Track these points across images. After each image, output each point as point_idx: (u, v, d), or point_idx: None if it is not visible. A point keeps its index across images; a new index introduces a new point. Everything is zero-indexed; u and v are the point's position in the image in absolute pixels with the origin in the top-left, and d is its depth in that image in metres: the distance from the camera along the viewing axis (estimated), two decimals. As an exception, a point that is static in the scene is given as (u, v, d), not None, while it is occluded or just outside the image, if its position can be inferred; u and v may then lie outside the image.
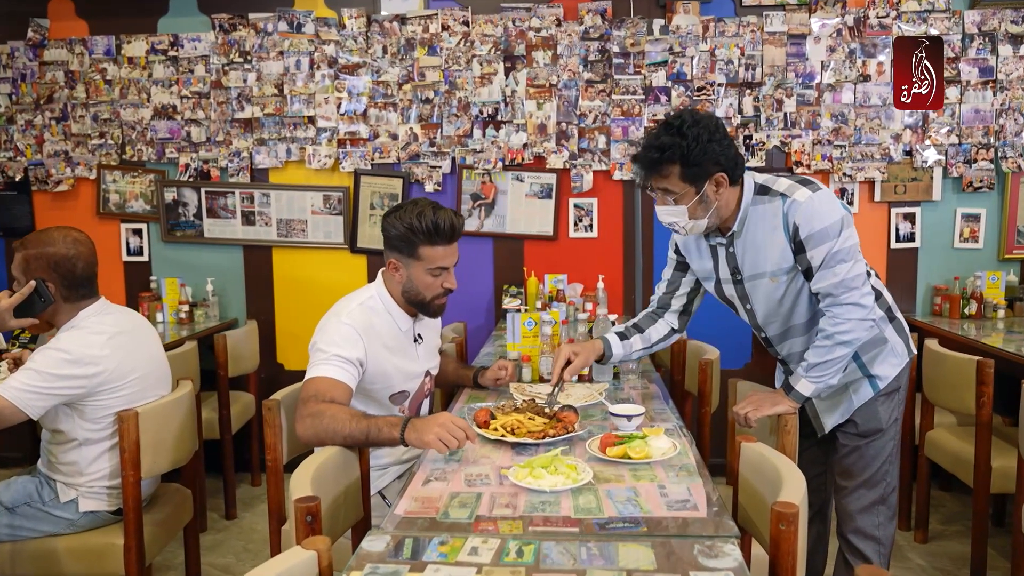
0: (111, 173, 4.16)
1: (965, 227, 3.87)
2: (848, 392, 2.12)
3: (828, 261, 1.91)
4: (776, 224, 1.96)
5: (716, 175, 1.92)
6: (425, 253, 2.08)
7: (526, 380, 2.52)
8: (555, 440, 1.86)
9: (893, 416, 2.12)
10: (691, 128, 1.87)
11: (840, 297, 1.92)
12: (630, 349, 2.32)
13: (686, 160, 1.88)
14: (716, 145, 1.88)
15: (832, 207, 1.91)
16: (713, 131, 1.89)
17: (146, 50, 4.07)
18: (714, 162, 1.90)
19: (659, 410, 2.18)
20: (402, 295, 2.16)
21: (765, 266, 2.02)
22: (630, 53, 3.86)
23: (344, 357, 1.98)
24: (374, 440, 1.81)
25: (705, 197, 1.93)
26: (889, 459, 2.13)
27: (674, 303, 2.35)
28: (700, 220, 1.98)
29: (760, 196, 1.99)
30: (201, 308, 4.04)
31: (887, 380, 2.10)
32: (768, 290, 2.05)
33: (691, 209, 1.95)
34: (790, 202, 1.93)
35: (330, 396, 1.91)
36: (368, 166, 4.03)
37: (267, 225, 4.11)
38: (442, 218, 2.05)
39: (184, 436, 2.44)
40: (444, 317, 3.75)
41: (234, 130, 4.06)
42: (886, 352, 2.09)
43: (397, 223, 2.07)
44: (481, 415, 1.97)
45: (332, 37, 3.96)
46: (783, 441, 2.02)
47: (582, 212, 3.99)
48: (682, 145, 1.87)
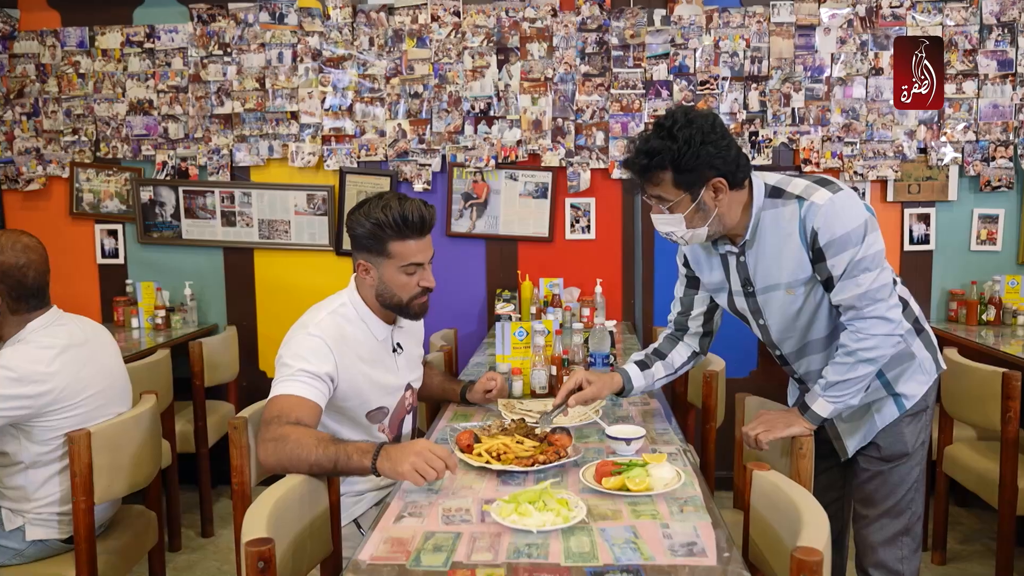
0: (85, 171, 4.00)
1: (982, 228, 3.71)
2: (871, 412, 1.93)
3: (851, 270, 1.72)
4: (792, 230, 1.77)
5: (713, 180, 1.73)
6: (395, 249, 1.90)
7: (516, 395, 2.33)
8: (545, 467, 1.67)
9: (920, 439, 1.93)
10: (682, 130, 1.69)
11: (864, 310, 1.73)
12: (652, 379, 2.12)
13: (678, 165, 1.70)
14: (711, 147, 1.70)
15: (855, 210, 1.73)
16: (708, 132, 1.70)
17: (121, 42, 3.90)
18: (709, 166, 1.71)
19: (661, 430, 2.00)
20: (376, 299, 1.98)
21: (780, 277, 1.83)
22: (630, 45, 3.70)
23: (312, 372, 1.80)
24: (343, 469, 1.62)
25: (703, 204, 1.75)
26: (915, 486, 1.94)
27: (691, 325, 2.14)
28: (699, 229, 1.80)
29: (773, 199, 1.81)
30: (179, 313, 3.86)
31: (914, 399, 1.91)
32: (783, 303, 1.86)
33: (688, 218, 1.77)
34: (808, 205, 1.74)
35: (295, 416, 1.72)
36: (354, 164, 3.87)
37: (248, 226, 3.94)
38: (410, 209, 1.88)
39: (145, 456, 2.25)
40: (432, 323, 3.64)
41: (213, 126, 3.89)
42: (913, 368, 1.90)
43: (362, 220, 1.90)
44: (464, 438, 1.79)
45: (316, 28, 3.79)
46: (798, 466, 1.84)
47: (579, 212, 3.82)
48: (672, 149, 1.69)
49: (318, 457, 1.62)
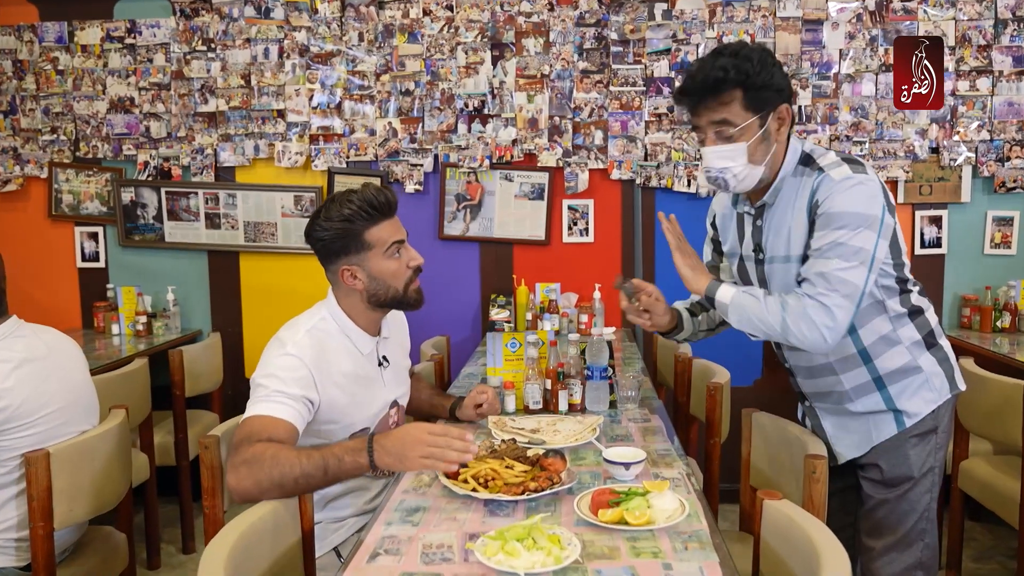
0: (64, 172, 3.86)
1: (997, 231, 3.59)
2: (867, 424, 1.80)
3: (827, 248, 1.61)
4: (803, 201, 1.68)
5: (780, 107, 1.66)
6: (372, 235, 1.81)
7: (509, 410, 2.19)
8: (537, 496, 1.52)
9: (928, 463, 1.78)
10: (753, 51, 1.63)
11: (819, 289, 1.61)
12: (697, 328, 2.08)
13: (752, 83, 1.62)
14: (776, 71, 1.65)
15: (867, 198, 1.60)
16: (771, 56, 1.66)
17: (101, 37, 3.77)
18: (779, 89, 1.65)
19: (662, 452, 1.85)
20: (369, 301, 1.85)
21: (787, 248, 1.73)
22: (629, 40, 3.57)
23: (288, 394, 1.65)
24: (336, 475, 1.50)
25: (767, 134, 1.67)
26: (925, 515, 1.79)
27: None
28: (757, 167, 1.69)
29: (802, 166, 1.72)
30: (161, 319, 3.72)
31: (917, 417, 1.76)
32: (787, 279, 1.75)
33: (751, 149, 1.66)
34: (823, 177, 1.65)
35: (267, 435, 1.58)
36: (343, 164, 3.74)
37: (233, 228, 3.80)
38: (371, 193, 1.81)
39: (112, 476, 2.12)
40: (423, 331, 3.49)
41: (197, 125, 3.76)
42: (918, 384, 1.76)
43: (327, 224, 1.79)
44: (449, 462, 1.64)
45: (303, 23, 3.66)
46: (811, 490, 1.71)
47: (577, 215, 3.70)
48: (746, 67, 1.61)
49: (304, 468, 1.49)
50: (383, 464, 1.49)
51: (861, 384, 1.77)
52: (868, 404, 1.77)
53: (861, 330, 1.74)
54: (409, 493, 1.61)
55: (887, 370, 1.75)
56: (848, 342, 1.75)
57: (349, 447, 1.52)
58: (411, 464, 1.46)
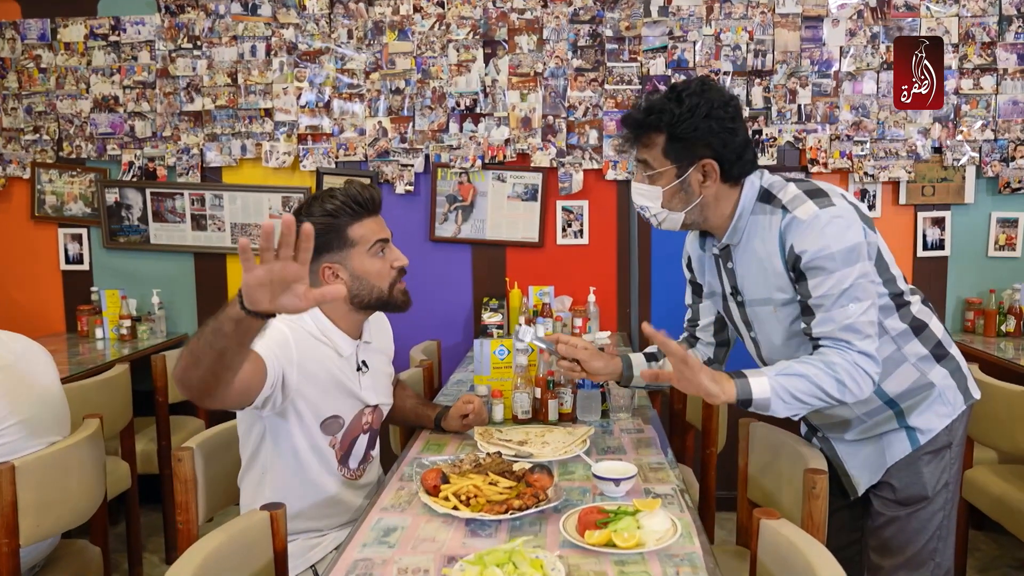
0: (47, 172, 3.79)
1: (1001, 233, 3.52)
2: (880, 445, 1.71)
3: (836, 297, 1.51)
4: (772, 245, 1.59)
5: (704, 161, 1.57)
6: (356, 232, 1.74)
7: (497, 420, 2.11)
8: (521, 515, 1.44)
9: (942, 480, 1.69)
10: (692, 96, 1.55)
11: (855, 344, 1.51)
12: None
13: (673, 131, 1.56)
14: (714, 124, 1.55)
15: (844, 231, 1.51)
16: (717, 107, 1.55)
17: (84, 34, 3.69)
18: (705, 143, 1.56)
19: (655, 464, 1.77)
20: (352, 302, 1.77)
21: (766, 292, 1.65)
22: (625, 37, 3.50)
23: (269, 347, 1.56)
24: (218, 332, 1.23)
25: (687, 185, 1.60)
26: (938, 534, 1.70)
27: (701, 336, 1.96)
28: (675, 213, 1.63)
29: (763, 203, 1.62)
30: (146, 323, 3.64)
31: (931, 434, 1.67)
32: (771, 321, 1.67)
33: (666, 195, 1.61)
34: (789, 219, 1.55)
35: None
36: (332, 164, 3.66)
37: (220, 230, 3.73)
38: (355, 189, 1.74)
39: (85, 489, 2.04)
40: (413, 335, 3.41)
41: (183, 124, 3.69)
42: (931, 400, 1.67)
43: (312, 220, 1.68)
44: (430, 477, 1.56)
45: (291, 20, 3.58)
46: (811, 507, 1.63)
47: (571, 216, 3.62)
48: (674, 112, 1.55)
49: (202, 337, 1.26)
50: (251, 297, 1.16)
51: (873, 408, 1.69)
52: (879, 423, 1.69)
53: None
54: (388, 511, 1.54)
55: (897, 391, 1.66)
56: None
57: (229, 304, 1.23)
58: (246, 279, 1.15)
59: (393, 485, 1.67)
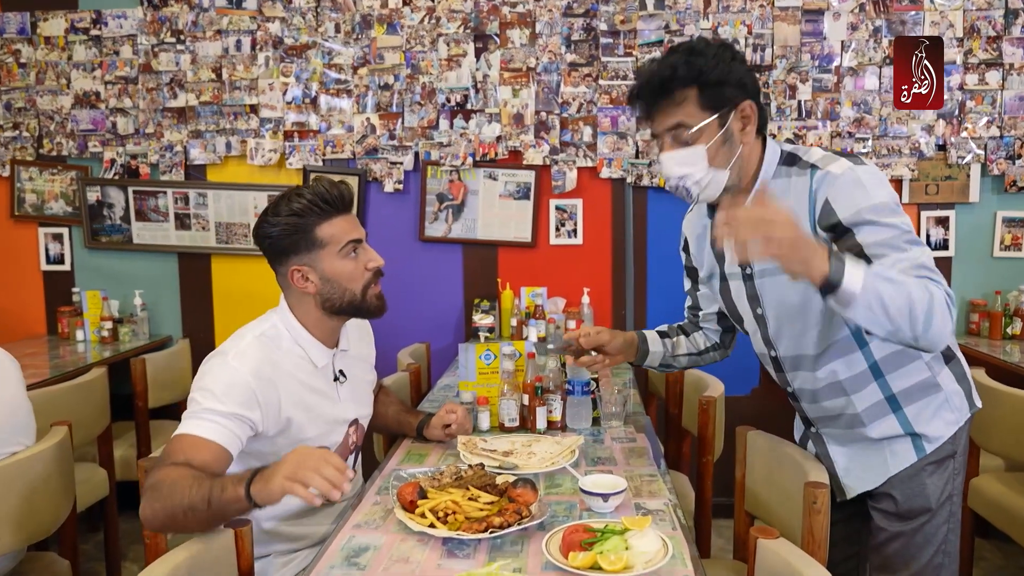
0: (27, 170, 3.69)
1: (1007, 233, 3.42)
2: (883, 451, 1.60)
3: (896, 241, 1.37)
4: (800, 204, 1.48)
5: (743, 104, 1.47)
6: (324, 232, 1.63)
7: (483, 428, 2.01)
8: (502, 534, 1.35)
9: (947, 491, 1.59)
10: (708, 46, 1.47)
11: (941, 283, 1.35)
12: (672, 349, 1.87)
13: (706, 79, 1.45)
14: (740, 65, 1.48)
15: (883, 186, 1.43)
16: (735, 51, 1.50)
17: (65, 28, 3.59)
18: (740, 84, 1.47)
19: (647, 477, 1.68)
20: (324, 307, 1.67)
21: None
22: (620, 31, 3.40)
23: (221, 412, 1.48)
24: (217, 507, 1.31)
25: (730, 134, 1.48)
26: (943, 548, 1.60)
27: (704, 325, 1.89)
28: (721, 172, 1.50)
29: (785, 167, 1.53)
30: (128, 325, 3.54)
31: (938, 442, 1.57)
32: (785, 291, 1.56)
33: (711, 151, 1.47)
34: (822, 175, 1.45)
35: (184, 459, 1.41)
36: (319, 162, 3.56)
37: (204, 229, 3.64)
38: (323, 186, 1.65)
39: (50, 499, 1.96)
40: (401, 338, 3.31)
41: (166, 121, 3.59)
42: (938, 404, 1.57)
43: (275, 220, 1.62)
44: (407, 492, 1.47)
45: (277, 13, 3.49)
46: (811, 522, 1.55)
47: (565, 215, 3.53)
48: (699, 63, 1.45)
49: (191, 499, 1.31)
50: (256, 494, 1.27)
51: (874, 404, 1.57)
52: (883, 429, 1.58)
53: (873, 341, 1.53)
54: (360, 528, 1.45)
55: (902, 388, 1.55)
56: (859, 356, 1.55)
57: (236, 476, 1.33)
58: (274, 486, 1.24)
59: (368, 499, 1.58)
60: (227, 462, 1.48)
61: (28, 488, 1.86)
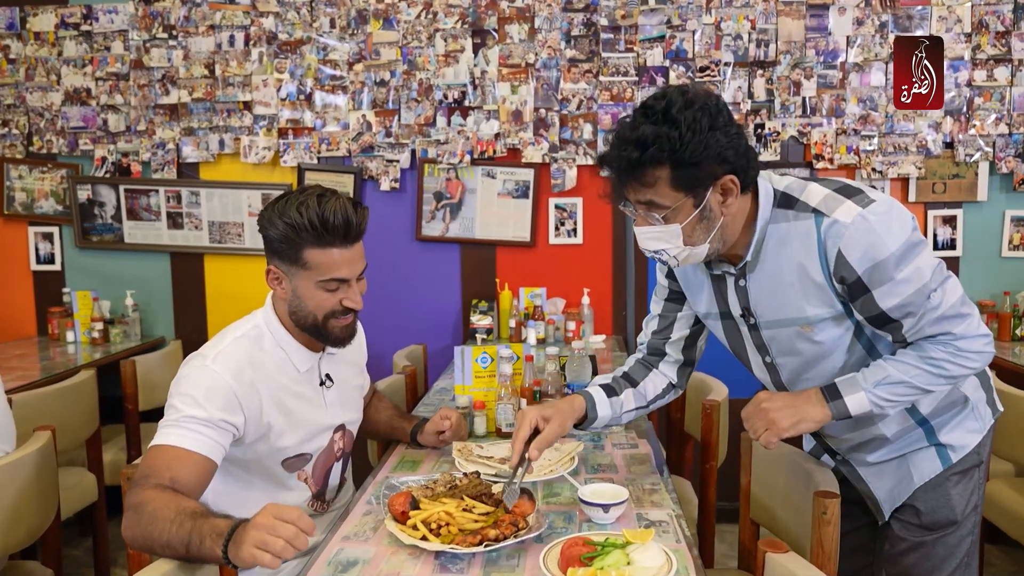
0: (16, 168, 3.64)
1: (1016, 232, 3.37)
2: (906, 464, 1.54)
3: (917, 299, 1.33)
4: (807, 254, 1.38)
5: (723, 179, 1.33)
6: (313, 258, 1.52)
7: (479, 433, 1.95)
8: (497, 547, 1.29)
9: (972, 502, 1.53)
10: (683, 112, 1.29)
11: (956, 332, 1.35)
12: (620, 409, 1.70)
13: (679, 159, 1.30)
14: (720, 135, 1.31)
15: (896, 222, 1.33)
16: (715, 115, 1.31)
17: (55, 24, 3.55)
18: (720, 159, 1.31)
19: (650, 486, 1.61)
20: (290, 317, 1.60)
21: (791, 311, 1.44)
22: (621, 27, 3.35)
23: (203, 419, 1.41)
24: (195, 555, 1.24)
25: (707, 211, 1.36)
26: (965, 561, 1.54)
27: (669, 351, 1.73)
28: (699, 247, 1.39)
29: (783, 210, 1.40)
30: (119, 326, 3.48)
31: (963, 451, 1.51)
32: (797, 341, 1.47)
33: (687, 230, 1.36)
34: (829, 224, 1.34)
35: (170, 476, 1.35)
36: (314, 160, 3.51)
37: (197, 229, 3.59)
38: (332, 208, 1.49)
39: (30, 508, 1.89)
40: (398, 339, 3.25)
41: (158, 118, 3.54)
42: (964, 414, 1.51)
43: (276, 220, 1.52)
44: (398, 503, 1.40)
45: (271, 8, 3.44)
46: (821, 534, 1.48)
47: (564, 214, 3.48)
48: (672, 136, 1.29)
49: (170, 537, 1.24)
50: (233, 558, 1.19)
51: (904, 428, 1.52)
52: (908, 443, 1.52)
53: None
54: (349, 540, 1.38)
55: (932, 407, 1.50)
56: None
57: (217, 528, 1.23)
58: (245, 555, 1.16)
59: (359, 510, 1.52)
60: (211, 473, 1.42)
61: (8, 496, 1.80)
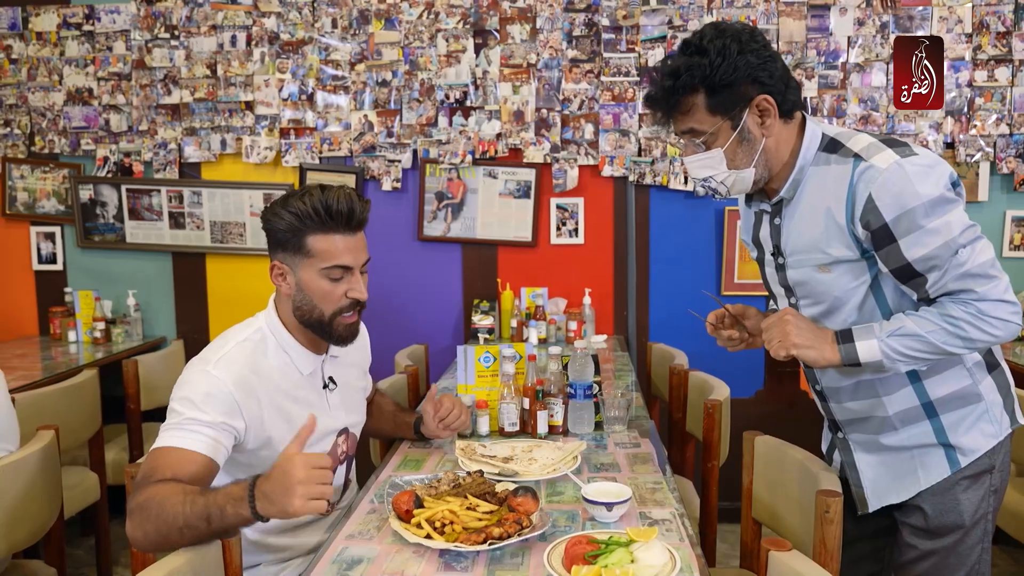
0: (18, 168, 3.63)
1: (1017, 233, 3.35)
2: (913, 462, 1.52)
3: (943, 252, 1.32)
4: (838, 195, 1.40)
5: (757, 99, 1.40)
6: (316, 245, 1.54)
7: (482, 432, 1.95)
8: (501, 545, 1.29)
9: (982, 509, 1.50)
10: (713, 41, 1.38)
11: (980, 292, 1.34)
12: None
13: (711, 82, 1.38)
14: (751, 56, 1.39)
15: (933, 176, 1.33)
16: (746, 40, 1.39)
17: (57, 24, 3.53)
18: (751, 79, 1.39)
19: (652, 485, 1.62)
20: (295, 314, 1.60)
21: (811, 249, 1.47)
22: (622, 27, 3.34)
23: (206, 422, 1.41)
24: (219, 527, 1.26)
25: (746, 133, 1.43)
26: (976, 568, 1.52)
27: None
28: (744, 170, 1.45)
29: (826, 153, 1.45)
30: (121, 325, 3.48)
31: (973, 455, 1.48)
32: (816, 283, 1.49)
33: (729, 152, 1.44)
34: (864, 167, 1.36)
35: (171, 473, 1.35)
36: (315, 160, 3.50)
37: (199, 228, 3.58)
38: (334, 196, 1.54)
39: (34, 507, 1.90)
40: (399, 339, 3.24)
41: (160, 118, 3.53)
42: (977, 415, 1.48)
43: (281, 212, 1.54)
44: (402, 502, 1.41)
45: (273, 8, 3.43)
46: (823, 532, 1.48)
47: (566, 214, 3.47)
48: (703, 64, 1.37)
49: (187, 518, 1.25)
50: (269, 515, 1.24)
51: (907, 410, 1.50)
52: (913, 436, 1.50)
53: None
54: (353, 538, 1.39)
55: (940, 395, 1.47)
56: None
57: (231, 494, 1.26)
58: (298, 508, 1.21)
59: (363, 508, 1.52)
60: (214, 474, 1.42)
61: (12, 495, 1.80)
